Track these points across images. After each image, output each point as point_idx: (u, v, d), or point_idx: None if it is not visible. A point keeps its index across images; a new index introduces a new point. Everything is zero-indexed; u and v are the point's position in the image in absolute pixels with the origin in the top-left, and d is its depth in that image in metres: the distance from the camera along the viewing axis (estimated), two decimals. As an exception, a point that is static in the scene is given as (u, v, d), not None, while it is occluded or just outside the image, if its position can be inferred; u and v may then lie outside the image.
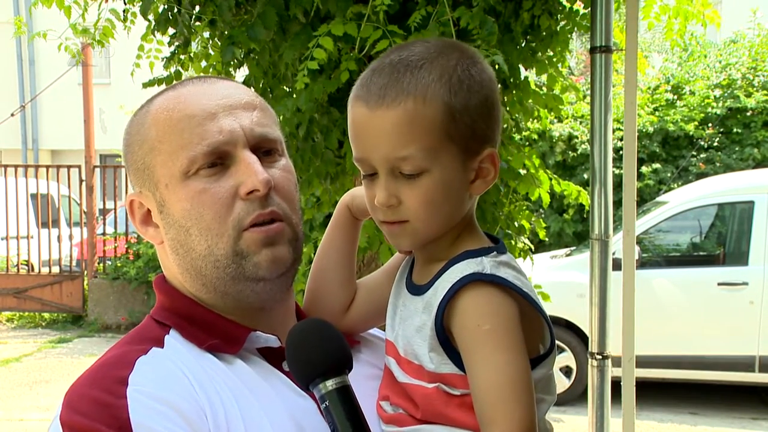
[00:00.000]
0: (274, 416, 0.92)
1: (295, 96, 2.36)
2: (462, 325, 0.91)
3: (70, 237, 10.48)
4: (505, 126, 2.89)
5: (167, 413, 0.86)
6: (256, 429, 0.90)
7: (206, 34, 2.73)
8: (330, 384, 0.87)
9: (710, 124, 9.26)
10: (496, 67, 2.26)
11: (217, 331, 0.99)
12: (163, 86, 2.78)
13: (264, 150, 1.00)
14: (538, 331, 0.96)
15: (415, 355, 0.96)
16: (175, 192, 0.97)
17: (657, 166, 9.14)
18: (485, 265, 0.92)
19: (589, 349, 2.55)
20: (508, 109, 2.88)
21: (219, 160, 0.96)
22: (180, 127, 0.97)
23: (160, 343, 0.96)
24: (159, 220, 1.01)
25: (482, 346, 0.90)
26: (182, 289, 1.03)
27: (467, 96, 0.92)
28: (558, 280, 6.11)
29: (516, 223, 3.09)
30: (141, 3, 2.46)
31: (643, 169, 9.01)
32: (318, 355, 0.89)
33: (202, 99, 0.99)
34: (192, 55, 2.81)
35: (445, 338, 0.93)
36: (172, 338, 0.98)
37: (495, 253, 0.95)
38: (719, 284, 6.14)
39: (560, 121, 9.38)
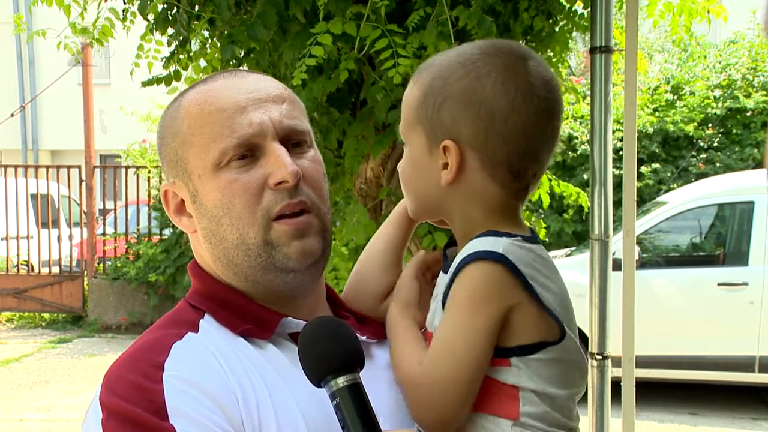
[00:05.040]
0: (303, 400, 0.95)
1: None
2: (450, 294, 0.96)
3: (70, 237, 10.48)
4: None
5: (201, 399, 0.89)
6: (284, 413, 0.93)
7: (206, 34, 2.72)
8: (341, 381, 0.88)
9: (710, 125, 9.27)
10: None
11: (250, 317, 1.01)
12: (162, 85, 2.78)
13: (293, 141, 1.03)
14: (535, 322, 0.95)
15: (432, 324, 1.01)
16: (207, 183, 1.00)
17: (657, 166, 9.15)
18: (500, 244, 0.94)
19: (589, 350, 2.55)
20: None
21: (249, 152, 0.99)
22: (211, 120, 1.00)
23: (195, 328, 0.99)
24: (192, 209, 1.04)
25: (448, 311, 0.96)
26: (215, 275, 1.05)
27: (444, 84, 0.99)
28: (558, 280, 6.10)
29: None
30: (139, 2, 2.45)
31: (643, 169, 9.01)
32: (329, 353, 0.89)
33: (233, 92, 1.02)
34: (191, 54, 2.81)
35: None
36: (207, 323, 1.00)
37: (520, 238, 0.96)
38: (719, 284, 6.14)
39: (560, 121, 9.38)
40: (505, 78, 0.97)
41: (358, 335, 0.95)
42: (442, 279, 1.03)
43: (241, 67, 2.67)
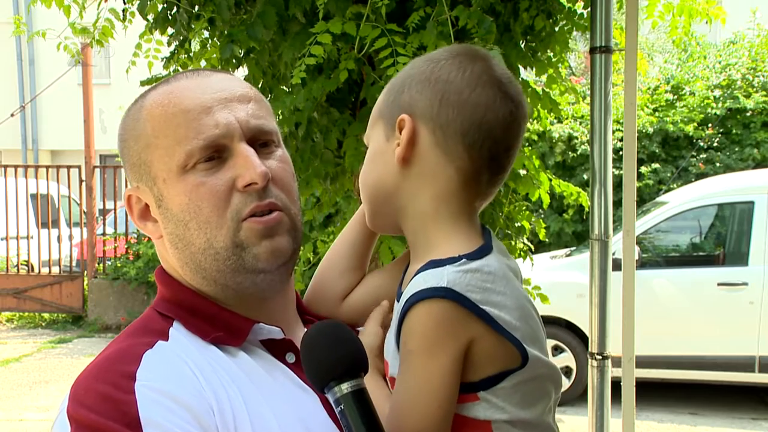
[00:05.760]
0: (278, 410, 0.92)
1: (293, 94, 2.35)
2: (401, 341, 0.92)
3: (70, 237, 10.48)
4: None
5: (175, 409, 0.85)
6: (261, 423, 0.90)
7: (206, 34, 2.72)
8: (345, 387, 0.86)
9: (710, 125, 9.26)
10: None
11: (220, 324, 0.98)
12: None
13: (260, 142, 1.00)
14: (496, 352, 0.91)
15: (388, 353, 0.98)
16: (173, 186, 0.97)
17: (657, 166, 9.14)
18: (444, 276, 0.89)
19: (589, 350, 2.55)
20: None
21: (216, 154, 0.96)
22: (176, 121, 0.97)
23: (165, 336, 0.96)
24: (157, 214, 1.00)
25: (402, 364, 0.91)
26: (182, 281, 1.02)
27: (406, 76, 1.00)
28: (558, 280, 6.11)
29: (516, 224, 3.09)
30: (139, 1, 2.45)
31: (643, 169, 9.00)
32: (332, 358, 0.87)
33: (197, 92, 0.98)
34: (191, 54, 2.81)
35: None
36: (176, 331, 0.97)
37: (464, 260, 0.91)
38: (719, 284, 6.13)
39: (560, 121, 9.38)
40: (463, 60, 0.98)
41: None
42: (397, 307, 0.98)
43: (241, 67, 2.67)
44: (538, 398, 0.96)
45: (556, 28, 2.82)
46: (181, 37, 2.57)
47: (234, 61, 2.54)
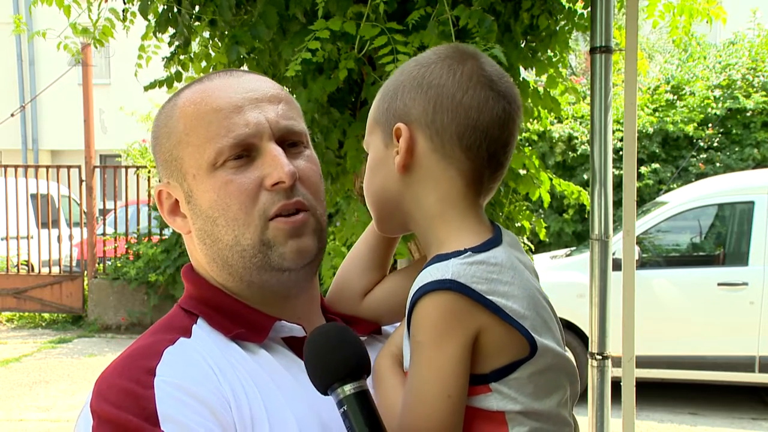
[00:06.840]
0: (297, 408, 0.94)
1: (293, 92, 2.35)
2: (411, 334, 0.93)
3: (70, 237, 10.48)
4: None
5: (193, 405, 0.87)
6: (278, 420, 0.92)
7: (206, 35, 2.72)
8: (348, 389, 0.86)
9: (710, 125, 9.27)
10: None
11: (243, 320, 1.01)
12: (164, 88, 2.78)
13: (289, 142, 1.02)
14: (505, 342, 0.92)
15: (406, 356, 0.98)
16: (202, 183, 0.99)
17: (657, 166, 9.15)
18: (449, 269, 0.90)
19: (589, 350, 2.55)
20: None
21: (245, 152, 0.99)
22: (207, 120, 0.99)
23: (188, 333, 0.98)
24: (187, 210, 1.03)
25: (413, 356, 0.92)
26: (209, 278, 1.05)
27: (397, 80, 1.01)
28: (558, 280, 6.11)
29: (516, 224, 3.09)
30: (139, 2, 2.45)
31: (643, 169, 9.01)
32: (335, 360, 0.88)
33: (229, 92, 1.01)
34: (192, 55, 2.81)
35: None
36: (200, 328, 1.00)
37: (469, 253, 0.92)
38: (719, 284, 6.14)
39: (560, 121, 9.39)
40: (452, 62, 0.99)
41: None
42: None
43: (242, 68, 2.67)
44: (551, 390, 0.97)
45: (557, 28, 2.82)
46: (183, 38, 2.57)
47: (237, 62, 2.54)
